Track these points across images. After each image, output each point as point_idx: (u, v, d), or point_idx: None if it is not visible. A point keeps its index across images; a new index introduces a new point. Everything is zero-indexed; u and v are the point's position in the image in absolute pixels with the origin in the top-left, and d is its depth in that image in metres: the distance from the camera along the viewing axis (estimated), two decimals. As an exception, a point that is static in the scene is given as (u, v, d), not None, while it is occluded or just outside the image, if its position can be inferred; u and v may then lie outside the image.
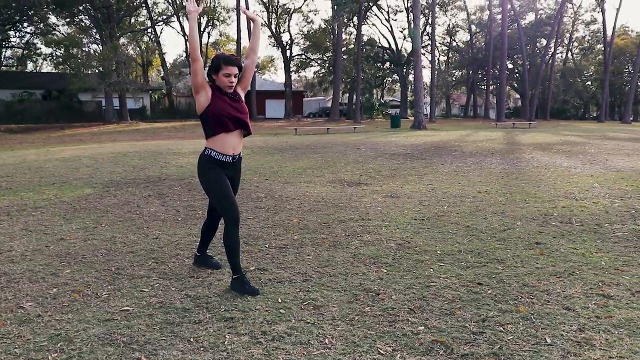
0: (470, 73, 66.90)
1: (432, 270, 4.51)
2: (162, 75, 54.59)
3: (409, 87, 64.60)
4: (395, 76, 65.95)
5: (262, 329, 3.30)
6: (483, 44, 66.58)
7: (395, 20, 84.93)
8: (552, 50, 61.07)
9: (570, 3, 61.38)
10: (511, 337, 3.21)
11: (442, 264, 4.69)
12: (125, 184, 9.21)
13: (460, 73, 72.57)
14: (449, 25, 67.88)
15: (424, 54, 51.92)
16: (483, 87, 70.80)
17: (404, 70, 60.81)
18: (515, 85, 69.24)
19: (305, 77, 76.65)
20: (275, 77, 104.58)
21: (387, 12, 60.71)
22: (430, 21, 50.57)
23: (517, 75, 67.24)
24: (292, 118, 52.00)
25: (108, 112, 41.79)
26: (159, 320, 3.44)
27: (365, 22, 55.21)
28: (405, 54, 61.23)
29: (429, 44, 54.50)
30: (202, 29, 51.05)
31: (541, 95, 61.49)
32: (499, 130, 30.27)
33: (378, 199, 7.82)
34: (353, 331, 3.28)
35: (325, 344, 3.12)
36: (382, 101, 69.01)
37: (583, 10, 72.90)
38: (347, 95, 59.77)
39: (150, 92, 51.23)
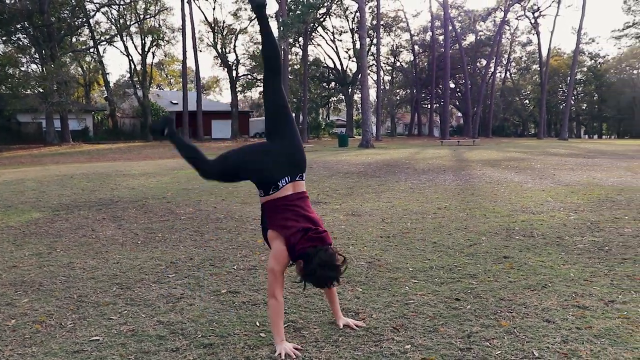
0: (414, 92, 68.18)
1: (407, 287, 4.46)
2: (105, 95, 53.38)
3: (355, 107, 65.41)
4: (341, 96, 66.57)
5: (245, 354, 3.16)
6: (426, 64, 68.09)
7: (341, 40, 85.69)
8: (492, 70, 63.00)
9: (507, 25, 63.52)
10: (499, 352, 3.18)
11: (416, 280, 4.65)
12: (76, 207, 8.85)
13: (404, 92, 73.90)
14: (393, 45, 69.11)
15: (369, 74, 52.62)
16: (427, 105, 72.33)
17: (350, 89, 61.46)
18: (458, 103, 70.95)
19: (251, 97, 76.44)
20: (221, 97, 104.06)
21: (332, 33, 61.19)
22: (375, 42, 51.36)
23: (459, 94, 68.92)
24: (239, 138, 51.60)
25: (49, 133, 40.45)
26: (133, 350, 3.25)
27: (311, 43, 55.61)
28: (351, 74, 61.91)
29: (374, 63, 55.29)
30: (146, 49, 50.26)
31: (483, 114, 63.15)
32: (445, 147, 30.82)
33: (340, 218, 7.76)
34: (339, 352, 3.18)
35: (313, 367, 3.01)
36: (329, 121, 69.49)
37: (520, 32, 75.45)
38: (294, 115, 59.89)
39: (93, 113, 49.97)
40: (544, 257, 5.35)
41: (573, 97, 61.23)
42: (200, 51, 66.02)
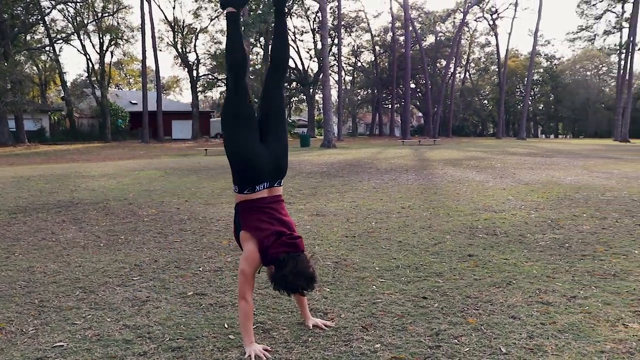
0: (376, 92, 68.66)
1: (374, 286, 4.48)
2: (62, 95, 52.17)
3: (316, 107, 65.42)
4: (302, 96, 66.54)
5: (214, 356, 3.12)
6: (387, 64, 68.61)
7: (302, 40, 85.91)
8: (452, 70, 63.88)
9: (466, 27, 64.50)
10: (468, 349, 3.22)
11: (383, 280, 4.68)
12: (34, 209, 8.63)
13: (365, 92, 74.37)
14: (354, 46, 69.46)
15: (330, 74, 52.75)
16: (388, 106, 72.89)
17: (311, 89, 61.49)
18: (418, 103, 71.75)
19: (212, 97, 75.82)
20: (181, 97, 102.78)
21: (294, 33, 61.13)
22: (336, 42, 51.52)
23: (420, 94, 69.73)
24: (200, 139, 51.15)
25: (3, 134, 39.34)
26: (99, 355, 3.18)
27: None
28: (312, 74, 61.96)
29: (335, 63, 55.46)
30: (104, 48, 49.33)
31: (443, 114, 63.99)
32: (407, 147, 31.11)
33: (305, 218, 7.75)
34: (309, 353, 3.17)
35: (284, 368, 2.99)
36: (290, 121, 69.39)
37: (478, 34, 76.66)
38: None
39: (49, 113, 48.79)
40: (508, 255, 5.45)
41: (530, 98, 62.57)
42: (160, 50, 65.32)
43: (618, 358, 3.12)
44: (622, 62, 52.23)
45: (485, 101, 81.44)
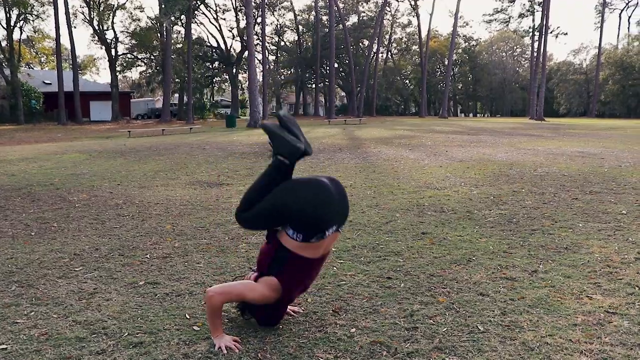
0: (299, 72, 68.34)
1: (335, 268, 4.34)
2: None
3: (240, 87, 64.49)
4: (225, 76, 65.38)
5: (182, 351, 2.89)
6: (310, 44, 68.37)
7: (224, 19, 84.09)
8: (375, 50, 64.42)
9: (388, 7, 65.08)
10: (445, 329, 3.13)
11: (342, 261, 4.55)
12: (-50, 197, 7.94)
13: (289, 72, 73.89)
14: (277, 25, 68.76)
15: (254, 54, 51.97)
16: (312, 85, 72.80)
17: (234, 69, 60.51)
18: (342, 83, 72.03)
19: (132, 77, 73.13)
20: (98, 77, 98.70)
21: (216, 11, 59.95)
22: (259, 20, 50.73)
23: (343, 74, 69.97)
24: (121, 120, 49.33)
25: None
26: (51, 356, 2.87)
27: (194, 21, 53.97)
28: (235, 54, 60.93)
29: (258, 43, 54.68)
30: (12, 24, 46.36)
31: (366, 93, 64.57)
32: (334, 127, 31.15)
33: (247, 199, 7.50)
34: (284, 342, 2.99)
35: (260, 359, 2.80)
36: (213, 101, 68.17)
37: (400, 14, 77.54)
38: (177, 95, 58.05)
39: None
40: (460, 232, 5.44)
41: (450, 78, 64.13)
42: (75, 27, 62.25)
43: (591, 330, 3.12)
44: (536, 45, 54.25)
45: (407, 81, 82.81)
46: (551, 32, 54.26)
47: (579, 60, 76.87)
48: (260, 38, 49.63)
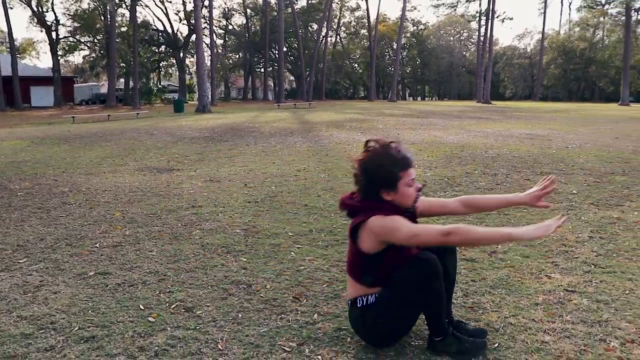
0: (248, 56, 67.57)
1: (293, 253, 4.24)
2: None
3: (187, 71, 63.38)
4: (172, 60, 64.07)
5: (138, 344, 2.74)
6: (259, 27, 67.63)
7: (170, 2, 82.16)
8: (324, 34, 64.23)
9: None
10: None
11: (300, 245, 4.45)
12: None
13: (237, 56, 72.98)
14: (224, 8, 67.72)
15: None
16: (260, 69, 72.13)
17: (181, 53, 59.35)
18: (290, 67, 71.65)
19: (74, 62, 70.84)
20: (38, 62, 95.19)
21: (161, -7, 58.37)
22: (206, 3, 49.77)
23: (292, 58, 69.57)
24: (64, 106, 47.78)
25: None
26: (-6, 354, 2.69)
27: (139, 4, 52.48)
28: (182, 37, 59.75)
29: (206, 26, 53.71)
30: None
31: (315, 77, 64.43)
32: (284, 111, 30.96)
33: (199, 185, 7.32)
34: (244, 331, 2.88)
35: (220, 350, 2.68)
36: (160, 86, 66.73)
37: (348, -3, 77.45)
38: (123, 80, 56.58)
39: None
40: (417, 214, 5.41)
41: (399, 62, 64.58)
42: (12, 8, 59.51)
43: (552, 309, 3.13)
44: (483, 29, 55.11)
45: (356, 65, 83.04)
46: (497, 17, 55.16)
47: (524, 45, 78.91)
48: (208, 21, 48.72)
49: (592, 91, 73.80)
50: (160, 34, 60.85)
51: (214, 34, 60.74)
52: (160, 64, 67.13)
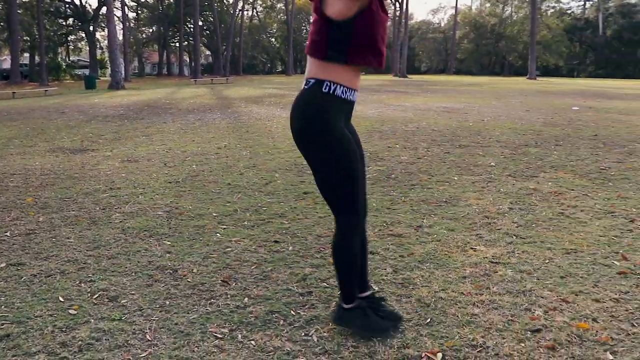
0: (162, 30, 65.51)
1: (218, 234, 4.13)
2: None
3: (98, 46, 60.74)
4: (82, 33, 61.15)
5: (59, 339, 2.58)
6: (172, 0, 65.60)
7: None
8: (240, 7, 63.13)
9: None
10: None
11: (225, 226, 4.34)
12: None
13: (151, 30, 70.60)
14: (135, -21, 65.12)
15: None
16: (175, 44, 70.16)
17: (91, 27, 56.72)
18: (206, 41, 70.09)
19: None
20: None
21: (66, -37, 55.32)
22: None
23: (208, 32, 68.03)
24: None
25: None
26: None
27: (42, -27, 49.55)
28: (91, 10, 57.07)
29: (117, -1, 51.63)
30: None
31: (232, 52, 63.37)
32: (201, 86, 30.30)
33: (116, 165, 7.03)
34: (173, 319, 2.78)
35: (149, 340, 2.57)
36: (69, 61, 63.67)
37: (264, -30, 76.24)
38: (28, 55, 53.50)
39: None
40: (342, 190, 5.42)
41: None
42: None
43: (479, 281, 3.20)
44: (398, 4, 55.75)
45: (274, 39, 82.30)
46: (411, -9, 55.85)
47: (438, 20, 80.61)
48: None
49: (502, 65, 76.67)
50: (67, 5, 57.78)
51: (126, 7, 58.43)
52: (69, 38, 63.91)
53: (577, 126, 10.20)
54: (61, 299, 3.04)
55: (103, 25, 57.96)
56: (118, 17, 50.77)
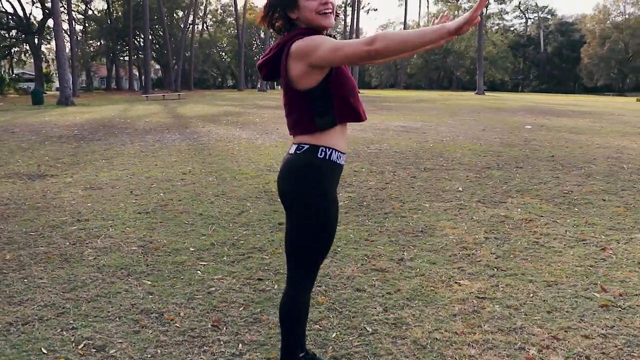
0: (110, 44, 64.35)
1: (199, 272, 4.05)
2: None
3: (44, 58, 59.17)
4: (26, 46, 59.44)
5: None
6: (121, 13, 64.58)
7: (19, -17, 76.08)
8: (191, 21, 62.62)
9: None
10: (335, 334, 3.05)
11: (205, 262, 4.26)
12: None
13: (99, 43, 69.25)
14: (82, -8, 63.81)
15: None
16: (125, 58, 69.05)
17: (37, 39, 55.21)
18: (155, 55, 69.18)
19: None
20: None
21: (9, -26, 53.81)
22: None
23: (158, 46, 67.22)
24: None
25: None
26: None
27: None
28: (36, 22, 55.57)
29: (63, 11, 50.37)
30: None
31: (183, 66, 62.74)
32: (153, 103, 29.83)
33: (80, 193, 6.82)
34: (167, 371, 2.70)
35: (147, 397, 2.49)
36: (13, 75, 61.81)
37: (215, -16, 75.88)
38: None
39: None
40: (318, 220, 5.40)
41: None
42: None
43: (470, 319, 3.24)
44: (349, 20, 56.38)
45: (224, 53, 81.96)
46: (362, 8, 56.68)
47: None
48: (66, 5, 45.74)
49: (450, 80, 78.47)
50: (10, 17, 56.09)
51: (74, 20, 57.17)
52: (12, 51, 62.01)
53: (534, 147, 10.48)
54: (44, 350, 2.92)
55: (48, 37, 56.62)
56: (65, 30, 49.59)
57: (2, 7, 55.52)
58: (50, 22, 52.06)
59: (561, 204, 6.06)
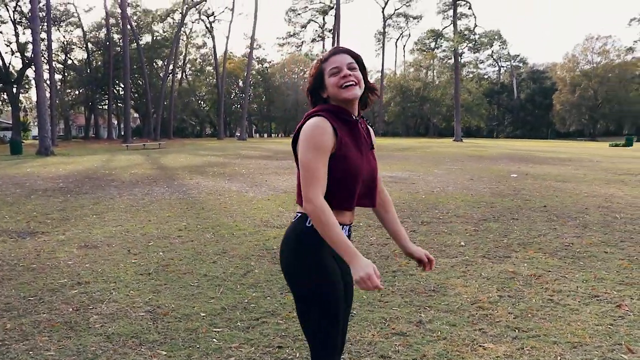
0: (89, 92, 64.37)
1: (215, 340, 3.92)
2: None
3: (22, 108, 58.83)
4: (4, 95, 59.15)
5: None
6: (101, 62, 64.88)
7: (1, 32, 76.25)
8: (171, 70, 63.08)
9: (184, 27, 64.22)
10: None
11: (218, 329, 4.13)
12: None
13: (78, 92, 69.24)
14: (63, 42, 64.02)
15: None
16: (104, 106, 69.05)
17: (15, 89, 55.01)
18: (134, 103, 69.30)
19: None
20: None
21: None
22: (44, 36, 46.80)
23: (137, 95, 67.44)
24: None
25: None
26: None
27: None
28: (15, 72, 55.47)
29: (44, 60, 50.40)
30: None
31: (162, 115, 62.88)
32: (134, 152, 29.68)
33: (75, 252, 6.65)
34: None
35: None
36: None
37: (195, 35, 76.51)
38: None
39: None
40: (326, 279, 5.31)
41: (248, 99, 65.14)
42: None
43: (501, 389, 3.15)
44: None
45: (202, 102, 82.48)
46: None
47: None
48: (48, 55, 45.79)
49: (427, 127, 79.67)
50: (-11, 67, 55.92)
51: (53, 70, 57.19)
52: (-10, 100, 61.64)
53: (524, 197, 10.56)
54: None
55: (27, 87, 56.46)
56: (45, 80, 49.51)
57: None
58: (29, 72, 52.09)
59: (565, 257, 6.06)
